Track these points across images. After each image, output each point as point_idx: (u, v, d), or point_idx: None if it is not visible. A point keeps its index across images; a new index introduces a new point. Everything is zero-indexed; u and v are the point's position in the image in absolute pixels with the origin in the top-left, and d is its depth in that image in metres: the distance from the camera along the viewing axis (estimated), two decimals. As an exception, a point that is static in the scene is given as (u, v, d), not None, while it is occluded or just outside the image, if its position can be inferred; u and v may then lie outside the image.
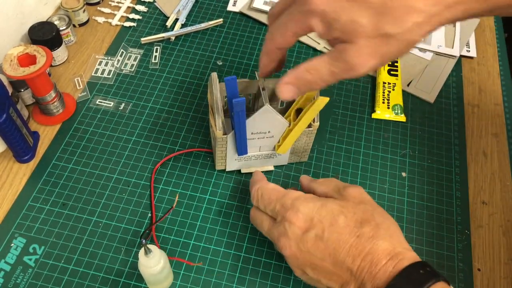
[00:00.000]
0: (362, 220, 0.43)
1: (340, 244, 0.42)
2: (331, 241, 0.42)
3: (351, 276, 0.42)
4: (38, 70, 0.56)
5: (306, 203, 0.45)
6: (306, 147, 0.58)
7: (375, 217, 0.44)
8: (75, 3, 0.74)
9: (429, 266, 0.40)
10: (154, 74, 0.71)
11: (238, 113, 0.49)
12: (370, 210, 0.44)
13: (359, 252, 0.41)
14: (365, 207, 0.45)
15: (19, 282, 0.51)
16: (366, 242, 0.41)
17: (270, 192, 0.49)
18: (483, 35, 0.81)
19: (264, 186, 0.50)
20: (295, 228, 0.44)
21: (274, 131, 0.54)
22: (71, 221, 0.56)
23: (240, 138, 0.53)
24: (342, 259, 0.42)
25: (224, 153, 0.57)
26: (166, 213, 0.57)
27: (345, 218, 0.43)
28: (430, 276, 0.39)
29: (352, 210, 0.44)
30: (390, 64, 0.72)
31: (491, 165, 0.65)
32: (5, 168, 0.60)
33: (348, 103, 0.70)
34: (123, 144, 0.63)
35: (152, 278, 0.48)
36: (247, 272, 0.54)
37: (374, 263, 0.40)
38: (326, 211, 0.44)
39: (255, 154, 0.58)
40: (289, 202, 0.46)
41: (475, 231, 0.59)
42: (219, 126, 0.52)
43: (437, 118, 0.69)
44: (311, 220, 0.44)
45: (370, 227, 0.42)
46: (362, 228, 0.42)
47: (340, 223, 0.43)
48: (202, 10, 0.80)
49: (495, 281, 0.55)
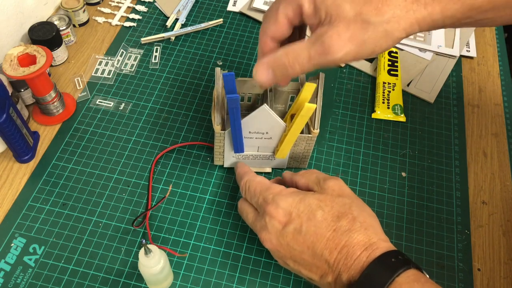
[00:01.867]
0: (339, 213, 0.44)
1: (318, 237, 0.44)
2: (309, 234, 0.44)
3: (329, 268, 0.43)
4: (38, 70, 0.56)
5: (285, 198, 0.46)
6: (305, 153, 0.58)
7: (353, 210, 0.45)
8: (75, 3, 0.74)
9: (401, 255, 0.42)
10: (154, 74, 0.71)
11: (232, 109, 0.50)
12: (348, 203, 0.45)
13: (336, 245, 0.43)
14: (343, 200, 0.46)
15: (19, 282, 0.51)
16: (342, 236, 0.43)
17: (256, 184, 0.50)
18: (483, 35, 0.81)
19: (251, 179, 0.52)
20: (275, 222, 0.46)
21: (272, 133, 0.54)
22: (71, 221, 0.56)
23: (236, 135, 0.54)
24: (320, 252, 0.43)
25: (222, 148, 0.57)
26: (160, 201, 0.58)
27: (323, 212, 0.45)
28: (401, 264, 0.41)
29: (330, 203, 0.45)
30: (390, 64, 0.72)
31: (491, 165, 0.65)
32: (5, 168, 0.60)
33: (348, 103, 0.70)
34: (123, 144, 0.63)
35: (152, 278, 0.48)
36: (247, 272, 0.54)
37: (349, 255, 0.42)
38: (304, 205, 0.45)
39: (253, 153, 0.58)
40: (270, 197, 0.47)
41: (475, 231, 0.59)
42: (218, 121, 0.53)
43: (437, 118, 0.69)
44: (290, 214, 0.45)
45: (346, 221, 0.44)
46: (339, 222, 0.44)
47: (317, 217, 0.44)
48: (202, 10, 0.80)
49: (495, 281, 0.55)
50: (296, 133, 0.53)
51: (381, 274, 0.40)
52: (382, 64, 0.72)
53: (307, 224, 0.44)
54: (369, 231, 0.43)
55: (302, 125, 0.52)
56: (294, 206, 0.46)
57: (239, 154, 0.58)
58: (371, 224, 0.44)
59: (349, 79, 0.73)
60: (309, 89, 0.50)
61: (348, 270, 0.42)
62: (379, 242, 0.43)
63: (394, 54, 0.73)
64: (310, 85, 0.50)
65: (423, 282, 0.40)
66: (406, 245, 0.57)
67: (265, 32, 0.45)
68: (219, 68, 0.54)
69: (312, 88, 0.50)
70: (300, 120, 0.51)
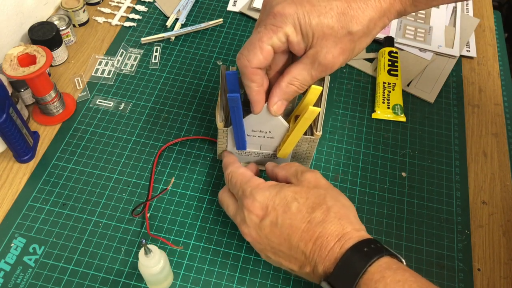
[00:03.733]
0: (314, 204, 0.45)
1: (293, 229, 0.44)
2: (285, 227, 0.45)
3: (306, 259, 0.44)
4: (38, 70, 0.56)
5: (262, 192, 0.47)
6: (308, 154, 0.58)
7: (327, 201, 0.45)
8: (75, 3, 0.74)
9: (374, 243, 0.42)
10: (154, 74, 0.71)
11: (233, 108, 0.50)
12: (323, 194, 0.46)
13: (310, 236, 0.44)
14: (318, 191, 0.46)
15: (19, 282, 0.51)
16: (316, 227, 0.44)
17: (238, 176, 0.51)
18: (483, 35, 0.81)
19: (234, 170, 0.52)
20: (253, 216, 0.47)
21: (274, 132, 0.54)
22: (71, 221, 0.56)
23: (237, 133, 0.54)
24: (296, 244, 0.44)
25: (224, 144, 0.58)
26: (161, 192, 0.58)
27: (298, 204, 0.45)
28: (374, 253, 0.41)
29: (305, 195, 0.46)
30: (390, 64, 0.72)
31: (491, 165, 0.65)
32: (5, 168, 0.60)
33: (348, 103, 0.70)
34: (123, 144, 0.63)
35: (152, 278, 0.48)
36: (247, 272, 0.54)
37: (323, 247, 0.43)
38: (280, 198, 0.46)
39: (255, 151, 0.58)
40: (249, 190, 0.48)
41: (475, 231, 0.59)
42: (221, 117, 0.53)
43: (437, 118, 0.69)
44: (266, 207, 0.46)
45: (320, 211, 0.44)
46: (313, 213, 0.44)
47: (292, 210, 0.45)
48: (202, 10, 0.80)
49: (495, 281, 0.55)
50: (299, 134, 0.53)
51: (354, 264, 0.41)
52: (382, 64, 0.72)
53: (282, 217, 0.45)
54: (343, 221, 0.44)
55: (305, 127, 0.52)
56: (270, 199, 0.46)
57: (242, 151, 0.58)
58: (345, 214, 0.45)
59: (349, 79, 0.73)
60: (315, 92, 0.50)
61: (323, 261, 0.43)
62: (352, 232, 0.43)
63: (394, 54, 0.73)
64: (316, 88, 0.50)
65: (395, 269, 0.40)
66: (406, 245, 0.57)
67: (250, 62, 0.45)
68: (224, 65, 0.54)
69: (318, 92, 0.50)
70: (303, 122, 0.51)
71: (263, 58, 0.45)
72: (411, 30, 0.79)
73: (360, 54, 0.76)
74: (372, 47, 0.77)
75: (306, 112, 0.49)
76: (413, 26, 0.80)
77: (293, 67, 0.46)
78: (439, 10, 0.82)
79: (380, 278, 0.40)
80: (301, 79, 0.46)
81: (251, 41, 0.45)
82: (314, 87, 0.50)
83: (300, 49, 0.45)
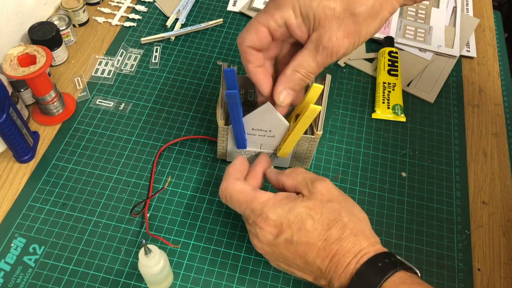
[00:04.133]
0: (329, 221, 0.44)
1: (309, 247, 0.44)
2: (301, 244, 0.44)
3: (321, 274, 0.44)
4: (38, 70, 0.56)
5: (274, 209, 0.45)
6: (308, 153, 0.58)
7: (342, 217, 0.45)
8: (75, 3, 0.74)
9: (389, 257, 0.42)
10: (154, 74, 0.71)
11: (231, 105, 0.50)
12: (338, 209, 0.45)
13: (327, 254, 0.43)
14: (332, 206, 0.45)
15: (19, 282, 0.51)
16: (333, 245, 0.43)
17: (238, 194, 0.48)
18: (483, 35, 0.81)
19: (230, 186, 0.49)
20: (266, 233, 0.46)
21: (275, 131, 0.54)
22: (71, 221, 0.56)
23: (237, 131, 0.54)
24: (312, 261, 0.44)
25: (225, 143, 0.58)
26: (159, 191, 0.58)
27: (313, 221, 0.44)
28: (388, 268, 0.41)
29: (320, 210, 0.45)
30: (390, 64, 0.72)
31: (491, 165, 0.65)
32: (5, 168, 0.60)
33: (348, 103, 0.70)
34: (123, 144, 0.63)
35: (152, 278, 0.48)
36: (247, 272, 0.54)
37: (340, 263, 0.42)
38: (294, 215, 0.45)
39: (255, 150, 0.58)
40: (259, 208, 0.46)
41: (475, 231, 0.59)
42: (222, 116, 0.53)
43: (437, 118, 0.69)
44: (280, 225, 0.45)
45: (336, 229, 0.44)
46: (329, 231, 0.44)
47: (308, 227, 0.44)
48: (202, 10, 0.80)
49: (495, 281, 0.55)
50: (299, 133, 0.53)
51: (369, 280, 0.41)
52: (382, 64, 0.72)
53: (298, 235, 0.44)
54: (359, 237, 0.43)
55: (306, 126, 0.52)
56: (284, 216, 0.45)
57: (242, 150, 0.58)
58: (361, 229, 0.44)
59: (349, 79, 0.73)
60: (316, 91, 0.50)
61: (339, 277, 0.42)
62: (368, 247, 0.43)
63: (394, 54, 0.73)
64: (317, 87, 0.50)
65: (409, 283, 0.40)
66: (406, 245, 0.57)
67: (244, 40, 0.46)
68: (226, 63, 0.54)
69: (319, 90, 0.50)
70: (304, 121, 0.51)
71: (256, 38, 0.45)
72: (411, 30, 0.79)
73: (360, 54, 0.76)
74: (372, 47, 0.77)
75: (307, 110, 0.49)
76: (413, 26, 0.80)
77: (298, 54, 0.46)
78: (439, 10, 0.82)
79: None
80: (306, 65, 0.45)
81: (249, 23, 0.46)
82: (315, 86, 0.50)
83: (302, 34, 0.44)
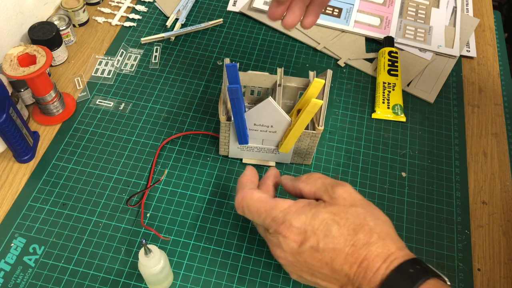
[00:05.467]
0: (355, 226, 0.43)
1: (336, 253, 0.43)
2: (327, 251, 0.43)
3: (349, 281, 0.43)
4: (38, 70, 0.56)
5: (297, 216, 0.44)
6: (309, 149, 0.58)
7: (368, 221, 0.44)
8: (75, 3, 0.74)
9: (419, 263, 0.41)
10: (154, 74, 0.71)
11: (233, 100, 0.50)
12: (363, 213, 0.44)
13: (355, 259, 0.42)
14: (356, 210, 0.44)
15: (19, 282, 0.51)
16: (361, 250, 0.42)
17: (256, 204, 0.47)
18: (483, 35, 0.81)
19: (248, 196, 0.47)
20: (290, 241, 0.44)
21: (277, 127, 0.54)
22: (71, 221, 0.56)
23: (239, 126, 0.54)
24: (339, 267, 0.43)
25: (227, 139, 0.58)
26: (155, 183, 0.59)
27: (339, 226, 0.43)
28: (420, 275, 0.40)
29: (345, 216, 0.44)
30: (390, 64, 0.72)
31: (491, 165, 0.65)
32: (5, 168, 0.60)
33: (348, 103, 0.70)
34: (123, 144, 0.63)
35: (152, 278, 0.48)
36: (247, 272, 0.54)
37: (369, 268, 0.41)
38: (318, 221, 0.44)
39: (257, 146, 0.58)
40: (280, 216, 0.45)
41: (475, 231, 0.59)
42: (224, 111, 0.54)
43: (437, 118, 0.69)
44: (305, 232, 0.44)
45: (363, 233, 0.43)
46: (356, 236, 0.43)
47: (334, 233, 0.43)
48: (202, 10, 0.80)
49: (495, 281, 0.55)
50: (301, 128, 0.53)
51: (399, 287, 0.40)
52: (382, 64, 0.72)
53: (324, 241, 0.43)
54: (386, 241, 0.43)
55: (308, 121, 0.52)
56: (308, 223, 0.44)
57: (244, 146, 0.58)
58: (388, 233, 0.44)
59: (349, 79, 0.73)
60: (317, 85, 0.50)
61: (368, 283, 0.41)
62: (397, 252, 0.42)
63: (394, 54, 0.73)
64: (319, 81, 0.50)
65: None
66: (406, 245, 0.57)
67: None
68: (228, 59, 0.55)
69: (321, 85, 0.50)
70: (305, 115, 0.51)
71: None
72: (411, 30, 0.79)
73: (360, 54, 0.76)
74: (372, 47, 0.77)
75: (309, 104, 0.49)
76: (413, 26, 0.80)
77: None
78: (439, 10, 0.82)
79: None
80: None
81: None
82: (316, 80, 0.50)
83: None
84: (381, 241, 0.42)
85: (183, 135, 0.64)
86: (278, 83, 0.55)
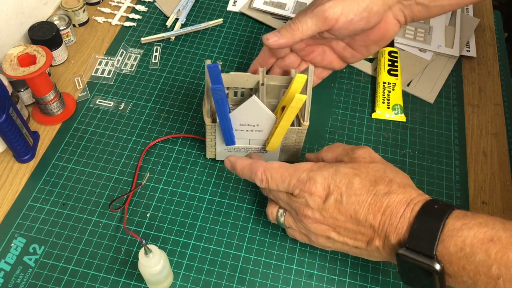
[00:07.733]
0: (375, 178, 0.45)
1: (360, 204, 0.44)
2: (351, 203, 0.45)
3: (374, 232, 0.44)
4: (38, 70, 0.56)
5: (320, 172, 0.47)
6: (296, 146, 0.58)
7: (388, 174, 0.46)
8: (75, 3, 0.74)
9: (440, 201, 0.43)
10: (154, 74, 0.71)
11: (217, 101, 0.50)
12: (382, 168, 0.46)
13: (378, 208, 0.44)
14: (376, 165, 0.47)
15: (19, 282, 0.51)
16: (383, 198, 0.44)
17: (279, 170, 0.49)
18: (483, 35, 0.81)
19: (269, 166, 0.49)
20: (316, 197, 0.46)
21: (262, 125, 0.54)
22: (71, 221, 0.56)
23: (225, 127, 0.54)
24: (363, 218, 0.44)
25: (213, 141, 0.58)
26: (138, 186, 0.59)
27: (360, 179, 0.45)
28: (445, 208, 0.42)
29: (365, 170, 0.46)
30: (390, 64, 0.72)
31: (491, 165, 0.65)
32: (5, 168, 0.60)
33: (348, 103, 0.70)
34: (123, 144, 0.63)
35: (152, 278, 0.48)
36: (247, 272, 0.54)
37: (393, 215, 0.43)
38: (340, 175, 0.46)
39: (244, 146, 0.58)
40: (304, 175, 0.47)
41: (475, 231, 0.59)
42: (208, 113, 0.53)
43: (437, 118, 0.69)
44: (328, 187, 0.46)
45: (384, 184, 0.45)
46: (377, 186, 0.45)
47: (355, 185, 0.45)
48: (202, 10, 0.80)
49: (495, 281, 0.55)
50: (287, 124, 0.53)
51: (431, 222, 0.41)
52: (382, 64, 0.72)
53: (347, 193, 0.45)
54: (407, 188, 0.44)
55: (293, 117, 0.52)
56: (331, 178, 0.46)
57: (231, 147, 0.58)
58: (408, 183, 0.45)
59: (349, 79, 0.73)
60: (300, 80, 0.51)
61: (395, 230, 0.42)
62: (418, 196, 0.43)
63: (394, 54, 0.73)
64: (301, 77, 0.50)
65: (471, 214, 0.41)
66: (406, 245, 0.57)
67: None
68: (209, 60, 0.54)
69: (303, 80, 0.51)
70: (290, 111, 0.51)
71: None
72: (411, 30, 0.79)
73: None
74: (372, 47, 0.77)
75: (293, 100, 0.49)
76: (413, 26, 0.80)
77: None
78: (439, 10, 0.82)
79: (461, 225, 0.40)
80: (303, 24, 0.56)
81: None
82: (298, 76, 0.50)
83: None
84: (401, 188, 0.44)
85: (174, 139, 0.64)
86: (261, 82, 0.55)
